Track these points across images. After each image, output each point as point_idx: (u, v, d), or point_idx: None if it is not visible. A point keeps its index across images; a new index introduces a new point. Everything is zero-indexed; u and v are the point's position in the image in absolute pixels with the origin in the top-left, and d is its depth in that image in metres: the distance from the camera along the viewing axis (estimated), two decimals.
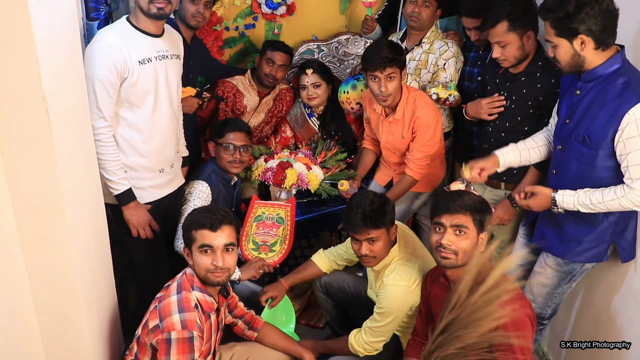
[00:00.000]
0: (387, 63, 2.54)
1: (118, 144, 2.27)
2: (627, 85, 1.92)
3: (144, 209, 2.38)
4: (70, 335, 1.93)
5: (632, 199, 1.97)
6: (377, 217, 2.18)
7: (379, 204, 2.22)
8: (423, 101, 2.70)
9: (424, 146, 2.70)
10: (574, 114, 2.08)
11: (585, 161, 2.06)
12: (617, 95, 1.93)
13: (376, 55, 2.55)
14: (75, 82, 1.82)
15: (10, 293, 1.73)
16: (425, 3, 2.85)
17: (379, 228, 2.19)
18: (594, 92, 2.01)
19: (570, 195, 2.09)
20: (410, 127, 2.70)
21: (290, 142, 3.29)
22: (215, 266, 1.99)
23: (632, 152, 1.91)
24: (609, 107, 1.94)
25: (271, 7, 3.37)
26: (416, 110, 2.67)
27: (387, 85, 2.58)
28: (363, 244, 2.22)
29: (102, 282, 2.12)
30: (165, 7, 2.20)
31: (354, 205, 2.22)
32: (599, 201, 2.03)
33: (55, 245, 1.77)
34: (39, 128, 1.60)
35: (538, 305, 2.37)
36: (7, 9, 1.46)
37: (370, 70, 2.59)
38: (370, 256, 2.23)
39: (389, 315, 2.23)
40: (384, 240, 2.22)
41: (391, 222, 2.25)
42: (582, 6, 1.88)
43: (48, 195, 1.70)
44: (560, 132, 2.17)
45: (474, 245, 2.03)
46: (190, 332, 1.90)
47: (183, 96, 2.62)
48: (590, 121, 2.01)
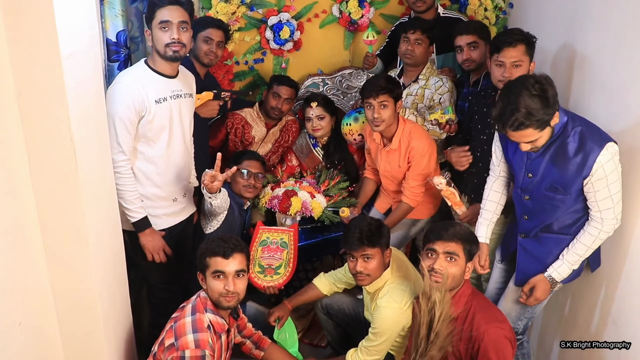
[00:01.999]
0: (379, 91, 2.74)
1: (135, 176, 2.44)
2: (583, 136, 2.09)
3: (158, 236, 2.54)
4: (90, 351, 2.08)
5: (607, 229, 2.15)
6: (373, 236, 2.34)
7: (376, 225, 2.38)
8: (418, 133, 2.87)
9: (419, 175, 2.87)
10: (537, 170, 2.23)
11: (559, 205, 2.23)
12: (579, 147, 2.09)
13: (370, 85, 2.77)
14: (98, 122, 2.01)
15: (37, 312, 1.90)
16: (417, 41, 3.04)
17: (374, 247, 2.34)
18: (553, 148, 2.15)
19: (560, 264, 2.26)
20: (406, 157, 2.87)
21: (295, 171, 3.45)
22: (227, 290, 2.14)
23: (600, 190, 2.10)
24: (576, 159, 2.10)
25: (279, 43, 3.57)
26: (411, 142, 2.84)
27: (379, 111, 2.76)
28: (358, 261, 2.36)
29: (119, 302, 2.28)
30: (180, 50, 2.39)
31: (352, 226, 2.39)
32: (583, 250, 2.20)
33: (78, 269, 1.94)
34: (67, 165, 1.78)
35: (511, 320, 2.45)
36: (42, 61, 1.66)
37: (366, 98, 2.79)
38: (364, 274, 2.36)
39: (382, 335, 2.36)
40: (378, 260, 2.36)
41: (386, 245, 2.40)
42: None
43: (73, 225, 1.87)
44: (524, 185, 2.30)
45: (463, 272, 2.18)
46: (203, 351, 2.04)
47: (201, 102, 2.77)
48: (559, 174, 2.17)
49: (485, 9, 3.49)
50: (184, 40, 2.38)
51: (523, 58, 2.47)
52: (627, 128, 2.16)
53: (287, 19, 3.53)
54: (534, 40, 2.50)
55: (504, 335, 2.10)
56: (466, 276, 2.21)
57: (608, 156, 2.05)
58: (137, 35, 2.82)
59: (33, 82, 1.68)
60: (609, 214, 2.12)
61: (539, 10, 3.07)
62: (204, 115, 2.88)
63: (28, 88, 1.69)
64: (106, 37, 2.51)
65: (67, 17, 1.68)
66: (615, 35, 2.25)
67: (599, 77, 2.38)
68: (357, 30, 3.62)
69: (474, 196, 2.82)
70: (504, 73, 2.48)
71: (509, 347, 2.10)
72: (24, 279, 1.81)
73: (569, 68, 2.63)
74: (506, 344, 2.09)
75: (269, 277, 2.81)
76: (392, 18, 3.63)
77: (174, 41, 2.35)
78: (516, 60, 2.46)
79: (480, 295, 2.31)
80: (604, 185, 2.09)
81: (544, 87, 1.99)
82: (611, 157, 2.05)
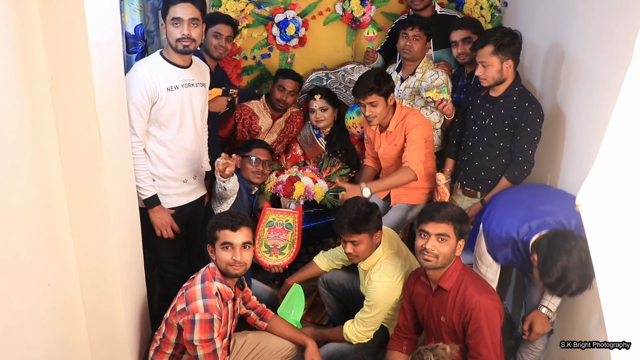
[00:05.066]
0: (367, 92, 2.90)
1: (148, 156, 2.63)
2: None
3: (167, 213, 2.71)
4: (109, 313, 2.28)
5: None
6: (359, 224, 2.48)
7: (365, 212, 2.50)
8: (412, 112, 3.05)
9: (416, 141, 2.95)
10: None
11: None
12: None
13: (360, 86, 2.94)
14: (119, 105, 2.22)
15: (63, 276, 2.10)
16: (415, 37, 3.20)
17: (360, 234, 2.49)
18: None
19: (548, 299, 2.42)
20: (402, 134, 3.01)
21: (300, 160, 3.61)
22: (234, 260, 2.32)
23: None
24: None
25: (285, 39, 3.71)
26: (406, 119, 3.00)
27: (370, 110, 2.94)
28: (348, 244, 2.54)
29: (135, 272, 2.48)
30: (190, 44, 2.56)
31: (343, 211, 2.54)
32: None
33: (99, 237, 2.14)
34: (92, 142, 1.99)
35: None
36: (72, 48, 1.87)
37: (357, 98, 2.98)
38: (353, 254, 2.55)
39: (376, 308, 2.54)
40: (366, 243, 2.52)
41: (375, 229, 2.54)
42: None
43: (96, 196, 2.07)
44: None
45: (453, 250, 2.32)
46: (211, 314, 2.22)
47: (210, 98, 2.93)
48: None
49: (481, 7, 3.65)
50: (194, 35, 2.55)
51: (488, 59, 2.71)
52: (605, 121, 2.29)
53: (293, 16, 3.67)
54: (508, 41, 2.68)
55: (495, 306, 2.25)
56: (457, 253, 2.34)
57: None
58: (153, 29, 3.00)
59: (64, 67, 1.89)
60: None
61: (531, 9, 3.23)
62: (212, 110, 3.04)
63: (59, 72, 1.90)
64: (125, 31, 2.69)
65: (94, 10, 1.89)
66: (595, 30, 2.39)
67: (582, 71, 2.51)
68: (359, 27, 3.76)
69: (465, 183, 2.99)
70: (478, 73, 2.75)
71: (498, 316, 2.25)
72: (52, 245, 2.01)
73: (557, 63, 2.79)
74: (496, 314, 2.24)
75: (274, 257, 2.99)
76: (392, 16, 3.78)
77: (184, 37, 2.53)
78: (483, 60, 2.72)
79: (470, 270, 2.44)
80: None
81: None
82: None
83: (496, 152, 2.82)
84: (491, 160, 2.88)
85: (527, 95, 2.76)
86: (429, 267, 2.32)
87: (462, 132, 3.08)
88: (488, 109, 2.85)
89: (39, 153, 1.89)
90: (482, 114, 2.88)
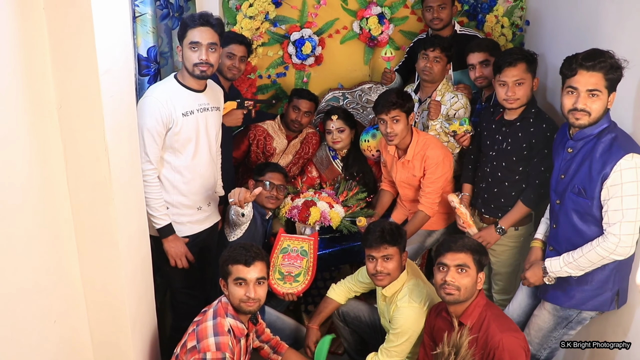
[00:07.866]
0: (391, 106, 2.83)
1: (162, 184, 2.55)
2: (614, 141, 2.13)
3: (181, 242, 2.64)
4: (117, 349, 2.20)
5: (605, 246, 2.13)
6: (394, 235, 2.44)
7: (396, 226, 2.51)
8: (432, 143, 2.96)
9: (435, 183, 2.94)
10: (568, 170, 2.28)
11: (582, 211, 2.23)
12: (607, 149, 2.13)
13: (382, 101, 2.86)
14: (130, 133, 2.15)
15: (69, 312, 2.02)
16: (436, 59, 3.12)
17: (394, 246, 2.43)
18: (585, 149, 2.20)
19: (557, 259, 2.29)
20: (422, 166, 2.95)
21: (315, 182, 3.54)
22: (248, 297, 2.24)
23: (613, 198, 2.10)
24: (600, 159, 2.13)
25: (301, 58, 3.66)
26: (426, 151, 2.93)
27: (392, 126, 2.86)
28: (378, 261, 2.45)
29: (145, 304, 2.40)
30: (207, 69, 2.50)
31: (372, 227, 2.49)
32: (579, 255, 2.21)
33: (108, 271, 2.07)
34: (101, 173, 1.91)
35: (534, 347, 2.48)
36: (81, 77, 1.80)
37: (378, 114, 2.88)
38: (384, 273, 2.45)
39: (403, 335, 2.44)
40: (397, 260, 2.46)
41: (404, 248, 2.50)
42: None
43: (105, 228, 2.00)
44: (557, 187, 2.36)
45: (474, 282, 2.24)
46: (223, 353, 2.13)
47: (225, 112, 2.87)
48: (584, 174, 2.19)
49: (502, 26, 3.57)
50: (212, 60, 2.49)
51: (524, 76, 2.58)
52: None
53: (309, 34, 3.63)
54: (535, 57, 2.59)
55: (519, 344, 2.15)
56: (478, 286, 2.26)
57: (631, 164, 2.06)
58: (167, 50, 2.94)
59: (72, 96, 1.82)
60: (614, 229, 2.11)
61: (555, 28, 3.14)
62: (228, 124, 2.98)
63: (67, 101, 1.83)
64: (137, 53, 2.63)
65: (105, 37, 1.82)
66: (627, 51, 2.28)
67: None
68: (376, 45, 3.71)
69: (484, 210, 2.89)
70: (507, 92, 2.59)
71: (524, 356, 2.15)
72: (58, 280, 1.94)
73: None
74: (521, 353, 2.14)
75: (288, 285, 2.90)
76: (410, 34, 3.72)
77: (202, 62, 2.46)
78: (518, 78, 2.58)
79: (494, 306, 2.36)
80: (617, 194, 2.09)
81: None
82: (634, 166, 2.06)
83: (515, 177, 2.73)
84: (510, 186, 2.78)
85: (544, 116, 2.68)
86: (451, 301, 2.24)
87: (476, 157, 3.00)
88: (505, 133, 2.76)
89: (46, 184, 1.82)
90: (498, 139, 2.79)
